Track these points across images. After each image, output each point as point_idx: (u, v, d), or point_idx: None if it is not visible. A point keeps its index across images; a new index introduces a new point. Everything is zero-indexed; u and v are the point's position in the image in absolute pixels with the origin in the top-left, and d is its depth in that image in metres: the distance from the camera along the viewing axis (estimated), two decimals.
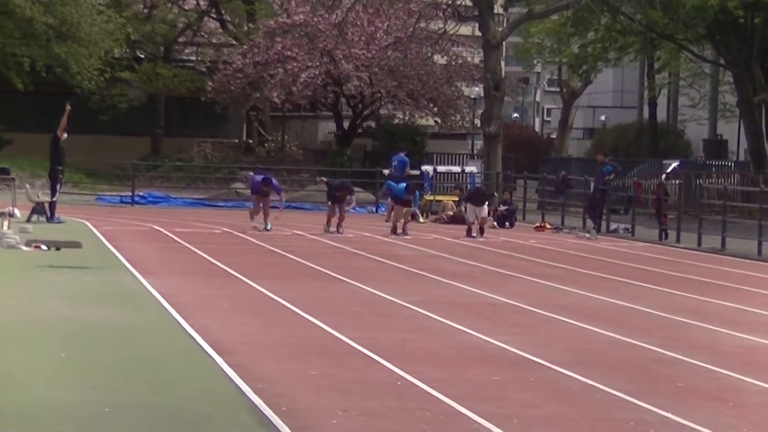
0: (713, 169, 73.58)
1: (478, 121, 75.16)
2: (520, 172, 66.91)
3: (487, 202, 48.86)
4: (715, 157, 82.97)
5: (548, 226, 52.14)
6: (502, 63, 73.71)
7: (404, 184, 49.01)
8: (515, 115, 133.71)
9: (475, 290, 28.54)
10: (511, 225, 53.36)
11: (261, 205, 45.95)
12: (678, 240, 46.94)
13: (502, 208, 54.79)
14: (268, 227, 45.26)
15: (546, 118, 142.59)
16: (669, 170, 66.64)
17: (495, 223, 52.98)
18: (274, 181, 46.84)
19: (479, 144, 74.41)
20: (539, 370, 18.23)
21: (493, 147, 67.11)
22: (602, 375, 17.79)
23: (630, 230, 51.16)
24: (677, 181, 60.30)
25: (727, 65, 79.76)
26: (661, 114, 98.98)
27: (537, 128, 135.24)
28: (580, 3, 67.69)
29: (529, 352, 19.53)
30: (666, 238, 48.34)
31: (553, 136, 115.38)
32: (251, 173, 50.08)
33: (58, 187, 44.65)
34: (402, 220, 46.89)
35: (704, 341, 21.95)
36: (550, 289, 29.20)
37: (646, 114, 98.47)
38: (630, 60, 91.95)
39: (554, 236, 48.98)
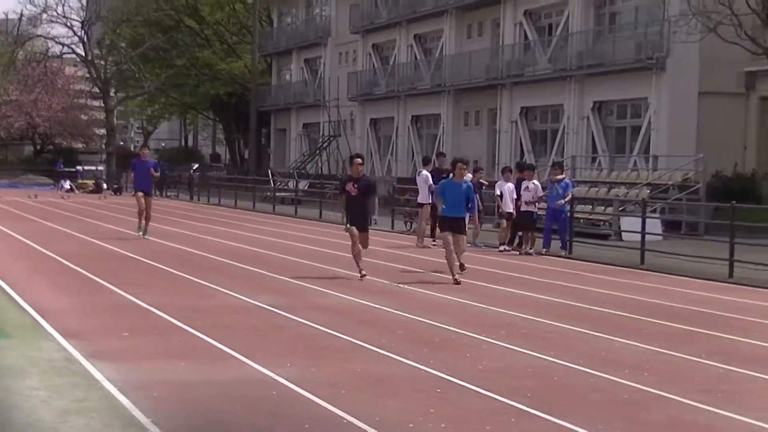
0: (214, 167, 72.90)
1: (103, 146, 73.55)
2: (125, 169, 65.18)
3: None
4: (215, 161, 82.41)
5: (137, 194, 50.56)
6: (114, 120, 71.97)
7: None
8: (122, 143, 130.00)
9: (160, 241, 26.41)
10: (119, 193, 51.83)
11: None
12: (208, 201, 46.49)
13: (115, 186, 53.98)
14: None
15: (137, 143, 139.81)
16: (194, 168, 65.85)
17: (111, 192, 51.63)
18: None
19: (104, 156, 72.45)
20: (140, 263, 17.53)
21: (111, 158, 66.01)
22: (191, 271, 16.55)
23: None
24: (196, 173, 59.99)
25: (220, 121, 79.92)
26: (192, 142, 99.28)
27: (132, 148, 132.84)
28: (152, 91, 67.25)
29: (168, 266, 18.71)
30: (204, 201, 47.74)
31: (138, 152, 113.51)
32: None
33: None
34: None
35: (292, 267, 17.03)
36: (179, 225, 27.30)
37: (184, 142, 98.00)
38: (174, 117, 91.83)
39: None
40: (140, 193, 23.19)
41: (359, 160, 16.20)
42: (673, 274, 17.91)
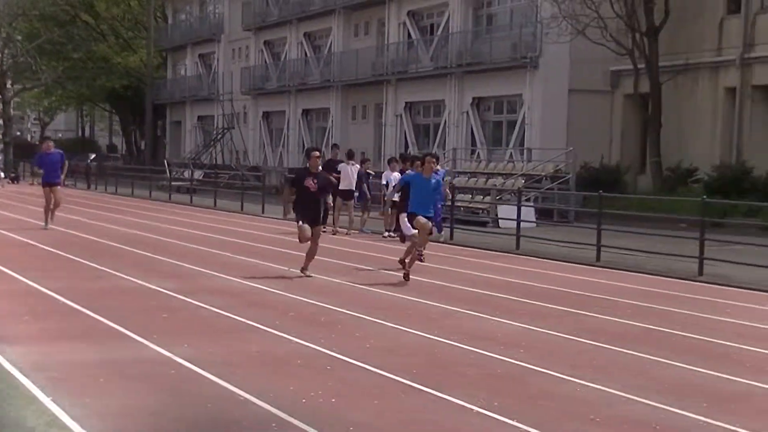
0: (111, 158, 71.39)
1: (0, 136, 71.06)
2: (22, 158, 63.29)
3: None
4: (111, 152, 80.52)
5: (34, 183, 48.90)
6: (11, 110, 69.62)
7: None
8: (18, 133, 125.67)
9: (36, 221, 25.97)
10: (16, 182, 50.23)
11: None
12: (105, 190, 45.40)
13: (13, 175, 52.24)
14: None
15: (34, 134, 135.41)
16: (91, 158, 64.25)
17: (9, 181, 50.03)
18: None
19: (1, 146, 70.01)
20: (40, 250, 17.11)
21: (9, 148, 63.95)
22: (90, 257, 16.55)
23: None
24: (93, 163, 58.37)
25: (117, 113, 78.03)
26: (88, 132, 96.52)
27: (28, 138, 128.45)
28: (49, 83, 65.45)
29: (69, 253, 18.27)
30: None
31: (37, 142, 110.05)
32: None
33: None
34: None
35: (189, 253, 17.82)
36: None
37: (81, 133, 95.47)
38: (71, 109, 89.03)
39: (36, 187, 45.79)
40: (47, 188, 21.80)
41: (317, 153, 14.04)
42: (546, 258, 18.30)
